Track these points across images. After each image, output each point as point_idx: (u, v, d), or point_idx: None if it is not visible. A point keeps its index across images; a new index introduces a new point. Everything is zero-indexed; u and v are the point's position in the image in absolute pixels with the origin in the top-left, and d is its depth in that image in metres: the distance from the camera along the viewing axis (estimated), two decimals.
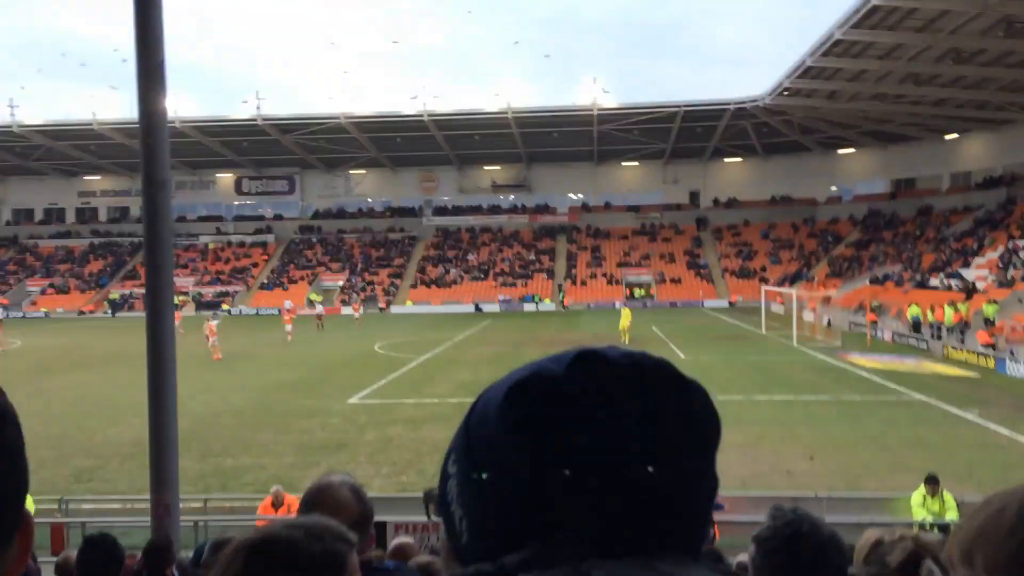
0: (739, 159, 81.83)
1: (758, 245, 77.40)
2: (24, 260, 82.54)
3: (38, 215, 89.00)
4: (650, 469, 0.74)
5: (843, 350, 35.99)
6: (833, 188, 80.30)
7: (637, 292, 72.18)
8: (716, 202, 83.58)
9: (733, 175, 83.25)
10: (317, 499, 2.46)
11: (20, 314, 71.62)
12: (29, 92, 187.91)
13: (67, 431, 20.64)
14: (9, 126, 70.45)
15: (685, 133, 72.72)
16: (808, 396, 24.37)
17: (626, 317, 41.80)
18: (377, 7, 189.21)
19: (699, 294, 70.60)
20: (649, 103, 68.38)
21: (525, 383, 0.77)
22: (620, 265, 76.79)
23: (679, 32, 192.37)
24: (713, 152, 79.82)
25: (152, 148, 5.80)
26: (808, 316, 46.11)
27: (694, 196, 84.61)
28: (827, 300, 50.83)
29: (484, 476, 0.77)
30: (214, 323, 38.14)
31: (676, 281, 73.46)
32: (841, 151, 76.92)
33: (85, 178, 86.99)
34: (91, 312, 72.71)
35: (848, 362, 32.12)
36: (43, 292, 76.88)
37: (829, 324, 45.31)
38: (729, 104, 65.48)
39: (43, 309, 73.36)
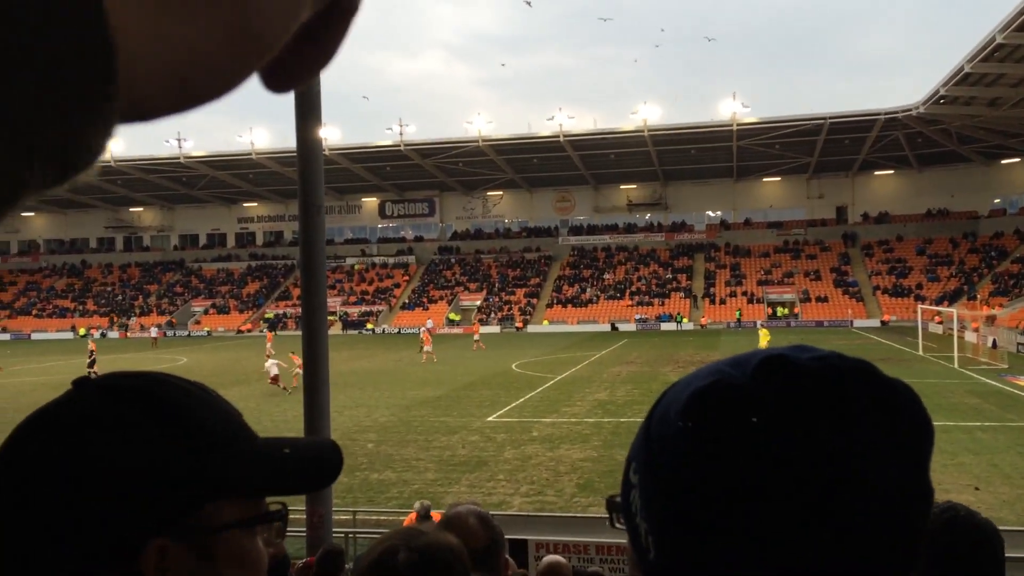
0: (891, 172, 77.82)
1: (913, 262, 73.15)
2: (189, 282, 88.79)
3: (202, 240, 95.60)
4: (850, 483, 0.65)
5: (1010, 373, 33.40)
6: (996, 200, 74.93)
7: (780, 311, 69.71)
8: (866, 217, 79.72)
9: (884, 188, 79.24)
10: (448, 525, 2.53)
11: (185, 332, 77.06)
12: (193, 125, 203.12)
13: None
14: (177, 157, 76.23)
15: (831, 146, 69.89)
16: (972, 422, 22.73)
17: (764, 337, 40.31)
18: (514, 31, 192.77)
19: (847, 313, 67.37)
20: (792, 116, 66.22)
21: (706, 392, 0.70)
22: (761, 283, 74.42)
23: (822, 42, 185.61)
24: (862, 165, 76.30)
25: (308, 175, 6.14)
26: (970, 336, 43.10)
27: (841, 211, 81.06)
28: (991, 319, 47.38)
29: (662, 486, 0.71)
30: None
31: (823, 300, 70.43)
32: (1005, 161, 71.73)
33: (244, 205, 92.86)
34: (248, 331, 77.25)
35: (1016, 385, 29.75)
36: (206, 312, 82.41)
37: (994, 345, 42.14)
38: (879, 114, 62.47)
39: (206, 328, 78.59)
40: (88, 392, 0.79)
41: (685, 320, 69.54)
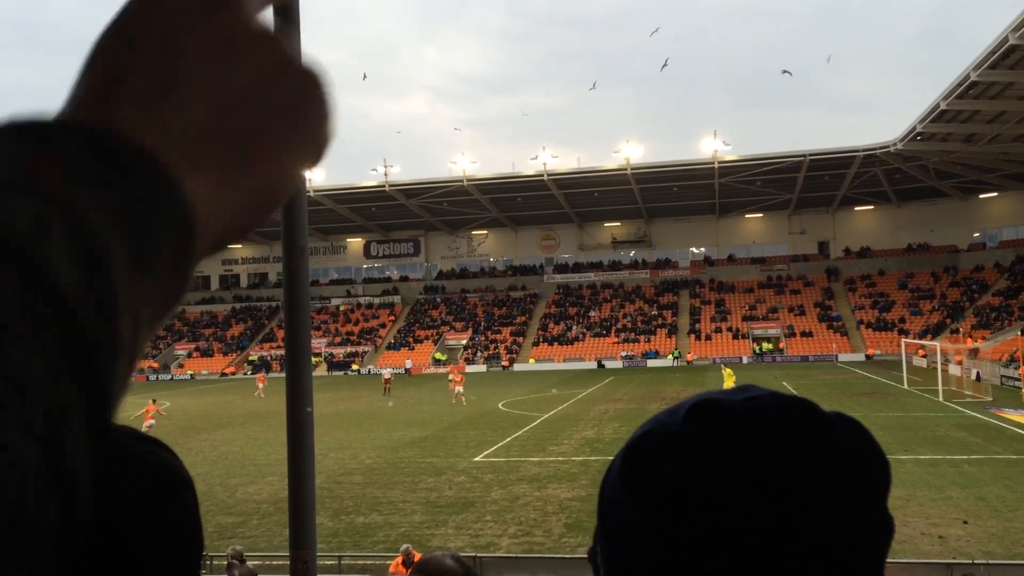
0: (871, 207, 78.77)
1: (895, 296, 73.74)
2: (173, 325, 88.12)
3: None
4: (786, 520, 0.64)
5: (995, 406, 33.51)
6: (976, 234, 75.88)
7: (765, 346, 69.88)
8: (847, 252, 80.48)
9: (865, 224, 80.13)
10: (424, 570, 2.57)
11: (168, 376, 76.25)
12: None
13: (211, 488, 21.61)
14: None
15: (812, 182, 70.76)
16: (958, 455, 22.74)
17: (729, 378, 39.41)
18: (494, 73, 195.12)
19: (832, 347, 67.66)
20: (773, 153, 67.10)
21: (638, 443, 0.71)
22: (746, 319, 74.72)
23: (800, 82, 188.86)
24: (843, 201, 77.20)
25: (292, 216, 6.13)
26: (954, 370, 43.30)
27: (823, 246, 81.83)
28: (975, 352, 47.64)
29: (614, 543, 0.71)
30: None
31: (807, 335, 70.75)
32: (983, 195, 72.80)
33: (228, 247, 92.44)
34: (232, 374, 76.57)
35: (1001, 418, 29.84)
36: (189, 355, 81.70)
37: (978, 378, 42.32)
38: (858, 151, 63.40)
39: (189, 371, 77.85)
40: None
41: (680, 356, 69.55)
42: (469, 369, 66.83)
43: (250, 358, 78.97)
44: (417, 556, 11.32)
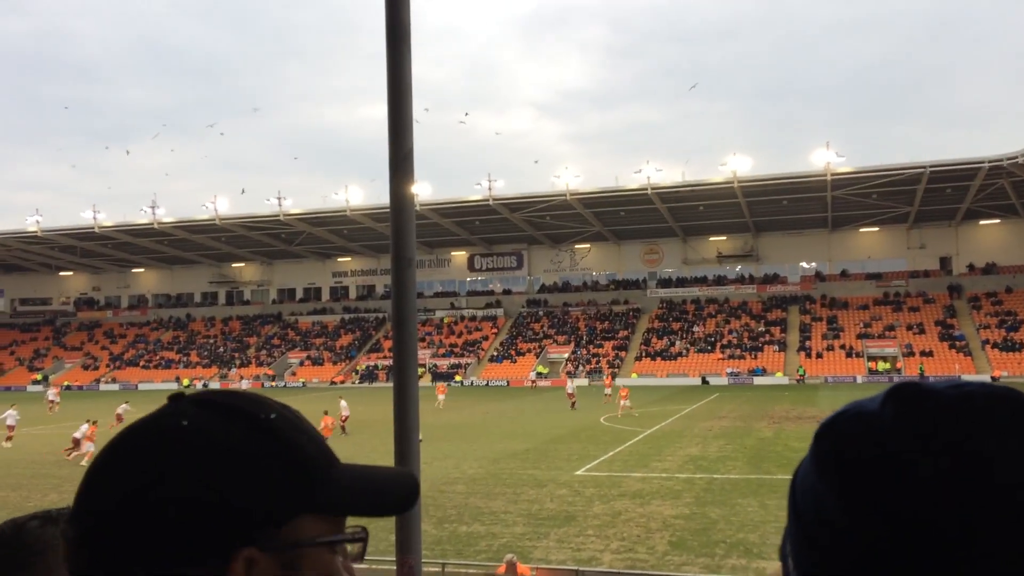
0: (996, 220, 74.57)
1: None
2: (287, 335, 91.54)
3: (298, 294, 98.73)
4: (990, 500, 0.61)
5: None
6: None
7: (881, 365, 66.97)
8: (971, 268, 76.34)
9: (991, 238, 75.87)
10: None
11: (282, 384, 79.23)
12: (291, 185, 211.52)
13: None
14: (277, 215, 79.39)
15: (932, 195, 67.56)
16: None
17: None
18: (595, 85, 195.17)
19: (955, 368, 64.19)
20: (890, 165, 64.42)
21: (833, 422, 0.69)
22: (861, 336, 71.79)
23: (914, 94, 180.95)
24: (966, 214, 73.35)
25: (400, 229, 6.29)
26: None
27: (945, 262, 77.91)
28: None
29: (806, 532, 0.69)
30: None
31: (927, 354, 67.40)
32: None
33: (338, 259, 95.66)
34: (341, 382, 78.83)
35: None
36: (301, 364, 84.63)
37: None
38: (983, 162, 60.17)
39: (301, 379, 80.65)
40: (186, 405, 0.84)
41: (778, 374, 67.43)
42: (571, 383, 66.73)
43: (358, 367, 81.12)
44: (520, 566, 11.36)
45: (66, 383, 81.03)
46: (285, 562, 0.79)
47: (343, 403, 36.98)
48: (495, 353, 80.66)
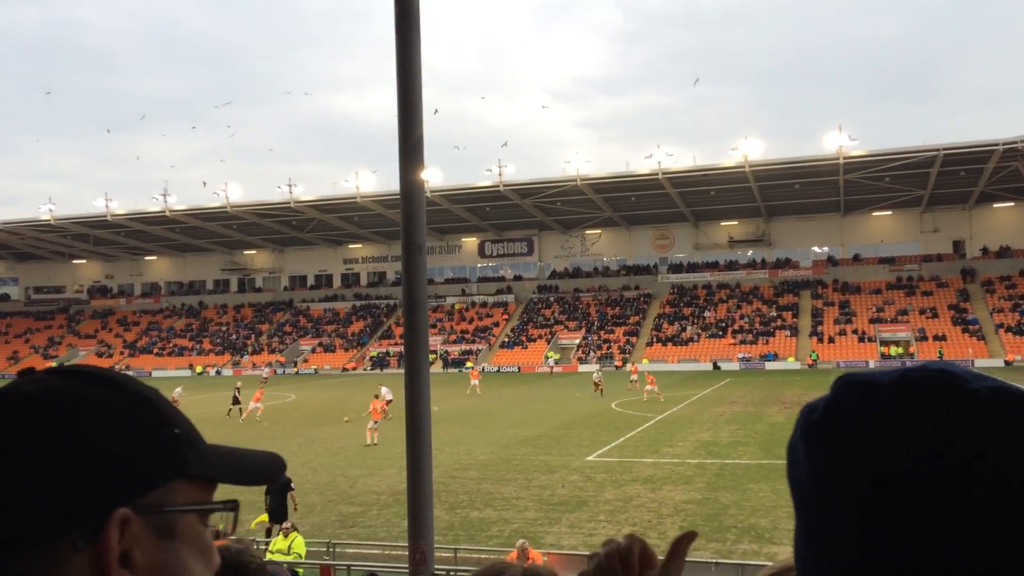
0: (1011, 204, 73.92)
1: None
2: (298, 322, 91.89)
3: (310, 281, 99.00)
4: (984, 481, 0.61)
5: None
6: None
7: (894, 350, 66.70)
8: (985, 251, 75.78)
9: (1005, 221, 75.25)
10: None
11: (294, 371, 79.60)
12: (303, 172, 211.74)
13: (333, 479, 22.44)
14: (288, 202, 79.52)
15: (945, 178, 67.01)
16: None
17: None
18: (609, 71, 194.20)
19: (968, 352, 63.86)
20: (902, 148, 63.89)
21: (842, 380, 0.69)
22: (873, 321, 71.47)
23: (928, 76, 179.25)
24: (980, 197, 72.72)
25: (411, 216, 6.30)
26: None
27: (958, 245, 77.36)
28: None
29: (796, 488, 0.70)
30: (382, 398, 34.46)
31: (940, 338, 67.05)
32: None
33: (349, 246, 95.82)
34: (353, 369, 79.13)
35: None
36: (313, 351, 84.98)
37: None
38: (997, 144, 59.59)
39: (313, 366, 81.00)
40: (47, 374, 0.85)
41: (790, 359, 67.25)
42: (583, 368, 66.81)
43: (369, 354, 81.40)
44: (532, 552, 11.42)
45: None
46: (159, 525, 0.80)
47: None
48: (506, 339, 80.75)
